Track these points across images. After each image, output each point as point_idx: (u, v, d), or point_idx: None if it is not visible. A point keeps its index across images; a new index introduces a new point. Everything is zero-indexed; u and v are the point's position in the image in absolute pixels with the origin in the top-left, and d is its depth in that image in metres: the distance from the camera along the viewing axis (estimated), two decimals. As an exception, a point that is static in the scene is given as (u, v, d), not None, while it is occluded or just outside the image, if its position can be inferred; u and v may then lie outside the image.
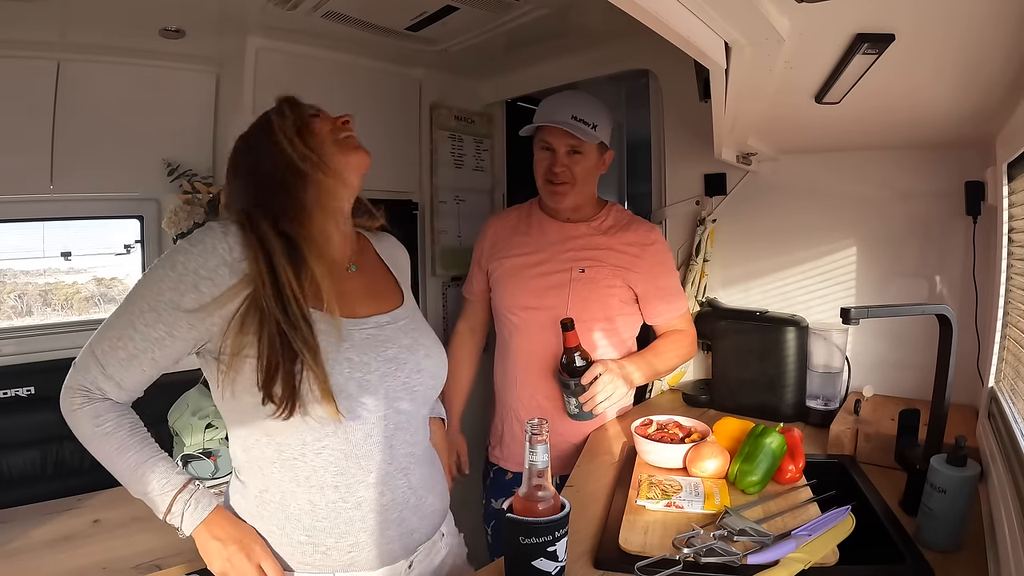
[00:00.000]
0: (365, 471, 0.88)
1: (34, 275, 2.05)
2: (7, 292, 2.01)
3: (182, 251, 0.83)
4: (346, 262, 1.00)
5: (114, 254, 2.16)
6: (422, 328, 1.03)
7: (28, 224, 1.96)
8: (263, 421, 0.83)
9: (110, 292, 2.20)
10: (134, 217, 2.11)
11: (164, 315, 0.81)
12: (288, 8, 1.58)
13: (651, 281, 1.51)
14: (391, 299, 1.03)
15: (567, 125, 1.41)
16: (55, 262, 2.07)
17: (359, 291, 0.97)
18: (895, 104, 1.15)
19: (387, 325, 0.95)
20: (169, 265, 0.82)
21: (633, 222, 1.56)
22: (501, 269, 1.58)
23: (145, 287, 0.83)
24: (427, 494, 0.96)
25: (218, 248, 0.82)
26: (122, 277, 2.21)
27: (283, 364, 0.79)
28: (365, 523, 0.87)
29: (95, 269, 2.16)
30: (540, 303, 1.50)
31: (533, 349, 1.50)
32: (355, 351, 0.88)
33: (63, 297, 2.12)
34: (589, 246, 1.51)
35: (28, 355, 1.90)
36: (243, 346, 0.81)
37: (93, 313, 2.16)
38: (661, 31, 0.70)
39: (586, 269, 1.49)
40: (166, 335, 0.82)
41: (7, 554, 1.15)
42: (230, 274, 0.82)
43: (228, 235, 0.84)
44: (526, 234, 1.58)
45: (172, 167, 2.02)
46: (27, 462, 1.75)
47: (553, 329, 1.43)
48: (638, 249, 1.50)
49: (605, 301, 1.49)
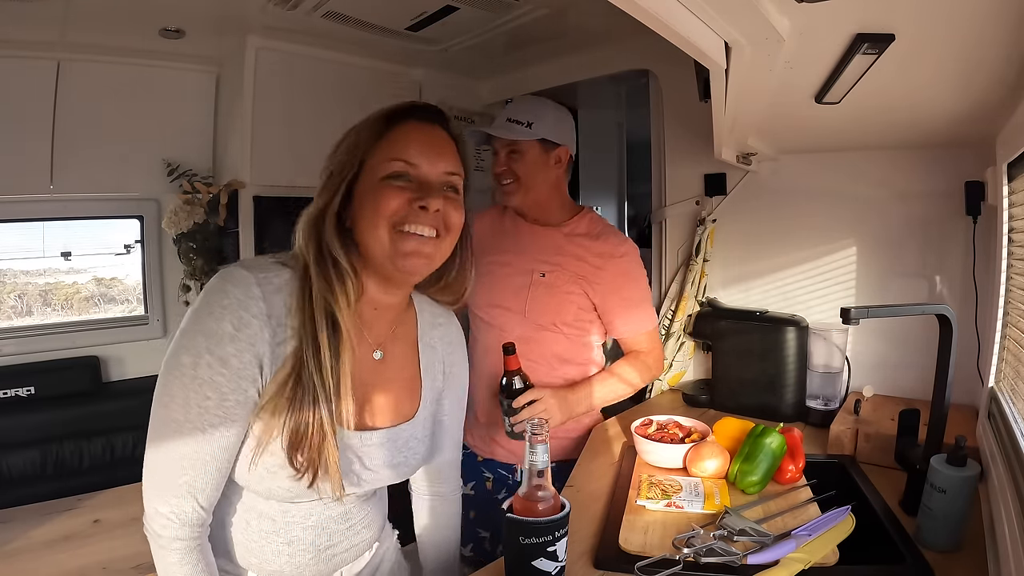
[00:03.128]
0: (305, 515, 0.86)
1: (34, 275, 2.06)
2: (7, 292, 2.01)
3: (228, 339, 0.73)
4: (376, 344, 0.88)
5: (114, 254, 2.16)
6: (417, 445, 0.92)
7: (28, 224, 1.96)
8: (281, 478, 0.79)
9: (110, 292, 2.20)
10: (134, 217, 2.11)
11: (236, 418, 0.75)
12: (288, 8, 1.58)
13: (612, 294, 1.49)
14: (405, 406, 0.92)
15: (499, 128, 1.45)
16: (55, 262, 2.07)
17: (376, 389, 0.87)
18: (895, 104, 1.15)
19: (385, 444, 0.87)
20: (219, 361, 0.73)
21: (605, 232, 1.53)
22: (476, 266, 1.59)
23: (203, 394, 0.73)
24: (365, 530, 0.94)
25: (264, 334, 0.75)
26: (122, 277, 2.21)
27: (308, 437, 0.76)
28: (293, 558, 0.86)
29: (95, 269, 2.16)
30: (503, 302, 1.52)
31: (496, 346, 1.49)
32: (341, 462, 0.81)
33: (63, 297, 2.12)
34: (553, 250, 1.51)
35: (28, 355, 1.90)
36: (278, 411, 0.76)
37: (93, 313, 2.16)
38: (661, 31, 0.70)
39: (547, 274, 1.49)
40: (239, 437, 0.77)
41: (7, 554, 1.15)
42: (274, 360, 0.76)
43: (271, 311, 0.76)
44: (500, 234, 1.60)
45: (172, 167, 2.02)
46: (27, 462, 1.76)
47: (512, 325, 1.48)
48: (602, 260, 1.48)
49: (563, 307, 1.49)
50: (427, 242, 0.82)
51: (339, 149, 0.83)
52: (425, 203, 0.80)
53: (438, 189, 0.82)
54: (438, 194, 0.81)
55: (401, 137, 0.82)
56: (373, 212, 0.80)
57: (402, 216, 0.80)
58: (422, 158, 0.82)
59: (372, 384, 0.87)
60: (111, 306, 2.20)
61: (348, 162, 0.81)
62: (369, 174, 0.81)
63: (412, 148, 0.81)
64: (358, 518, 0.93)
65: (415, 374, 0.94)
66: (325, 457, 0.77)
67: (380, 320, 0.89)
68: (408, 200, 0.80)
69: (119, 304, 2.21)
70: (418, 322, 0.97)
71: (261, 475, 0.78)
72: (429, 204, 0.80)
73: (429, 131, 0.84)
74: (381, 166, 0.81)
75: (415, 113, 0.85)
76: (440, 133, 0.86)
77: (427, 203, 0.80)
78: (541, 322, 1.47)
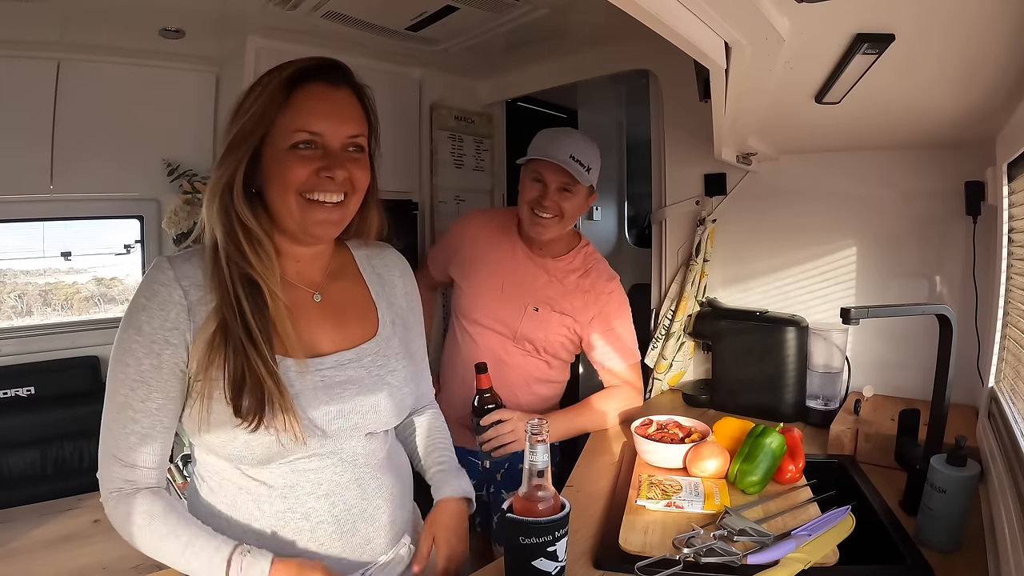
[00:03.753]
0: (315, 484, 0.85)
1: (34, 275, 2.05)
2: (7, 292, 2.01)
3: (140, 309, 0.78)
4: (312, 289, 0.91)
5: (114, 254, 2.16)
6: (392, 362, 0.94)
7: (28, 224, 1.96)
8: (231, 429, 0.80)
9: (110, 292, 2.20)
10: (134, 217, 2.11)
11: (153, 383, 0.78)
12: (288, 8, 1.58)
13: (597, 329, 1.54)
14: (362, 330, 0.94)
15: (565, 163, 1.42)
16: (55, 262, 2.07)
17: (324, 322, 0.90)
18: (895, 104, 1.15)
19: (349, 364, 0.89)
20: (135, 330, 0.78)
21: (594, 270, 1.57)
22: (469, 277, 1.62)
23: (123, 362, 0.78)
24: (383, 503, 0.91)
25: (173, 296, 0.79)
26: (122, 277, 2.21)
27: (249, 379, 0.77)
28: (314, 534, 0.84)
29: (95, 269, 2.16)
30: (493, 324, 1.57)
31: (478, 358, 1.54)
32: (304, 397, 0.83)
33: (63, 297, 2.12)
34: (547, 287, 1.55)
35: (28, 355, 1.90)
36: (212, 364, 0.78)
37: (93, 313, 2.16)
38: (661, 31, 0.70)
39: (539, 308, 1.54)
40: (164, 400, 0.80)
41: (7, 554, 1.15)
42: (192, 318, 0.79)
43: (181, 278, 0.80)
44: (498, 250, 1.61)
45: (172, 167, 2.02)
46: (27, 462, 1.75)
47: (498, 347, 1.55)
48: (591, 297, 1.54)
49: (550, 339, 1.55)
50: (335, 209, 0.85)
51: (239, 115, 0.82)
52: (331, 173, 0.82)
53: (343, 155, 0.84)
54: (343, 161, 0.83)
55: (304, 104, 0.81)
56: (280, 182, 0.82)
57: (310, 185, 0.82)
58: (326, 125, 0.82)
59: (320, 320, 0.89)
60: (111, 306, 2.20)
61: (252, 131, 0.81)
62: (273, 142, 0.82)
63: (316, 117, 0.81)
64: (372, 487, 0.90)
65: (367, 300, 0.97)
66: (270, 392, 0.78)
67: (308, 269, 0.92)
68: (315, 170, 0.82)
69: (119, 304, 2.21)
70: (355, 257, 1.00)
71: (220, 438, 0.80)
72: (335, 175, 0.82)
73: (332, 94, 0.84)
74: (285, 136, 0.81)
75: (317, 75, 0.83)
76: (344, 94, 0.85)
77: (333, 173, 0.82)
78: (527, 349, 1.56)
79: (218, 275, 0.80)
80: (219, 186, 0.82)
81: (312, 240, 0.88)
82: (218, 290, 0.80)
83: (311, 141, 0.82)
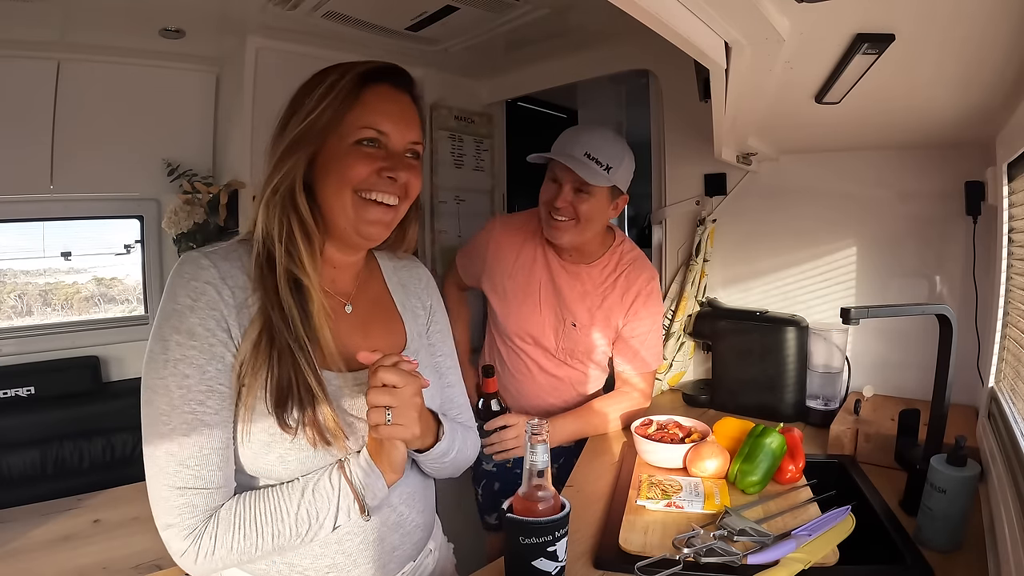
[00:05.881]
0: None
1: (34, 275, 2.05)
2: (7, 292, 2.01)
3: (188, 311, 0.73)
4: (344, 298, 0.89)
5: (114, 254, 2.16)
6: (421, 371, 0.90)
7: (28, 224, 1.96)
8: (269, 440, 0.76)
9: (110, 292, 2.20)
10: (134, 217, 2.11)
11: (224, 390, 0.73)
12: (288, 8, 1.58)
13: (624, 333, 1.53)
14: (388, 342, 0.92)
15: (576, 162, 1.35)
16: (55, 262, 2.07)
17: (353, 334, 0.87)
18: (895, 104, 1.15)
19: None
20: (186, 334, 0.72)
21: (627, 273, 1.51)
22: (502, 297, 1.58)
23: (181, 373, 0.71)
24: (408, 510, 0.90)
25: (223, 295, 0.75)
26: (122, 277, 2.21)
27: (297, 388, 0.75)
28: (342, 544, 0.81)
29: (95, 269, 2.16)
30: (533, 339, 1.57)
31: (521, 371, 1.58)
32: (346, 411, 0.81)
33: (63, 297, 2.12)
34: (583, 299, 1.52)
35: (28, 355, 1.90)
36: (257, 371, 0.75)
37: (93, 313, 2.16)
38: (661, 31, 0.70)
39: (577, 324, 1.52)
40: (232, 407, 0.75)
41: (7, 554, 1.15)
42: (240, 320, 0.76)
43: (226, 277, 0.76)
44: (530, 260, 1.56)
45: (172, 167, 2.02)
46: (27, 462, 1.76)
47: (543, 360, 1.56)
48: (631, 297, 1.50)
49: (589, 352, 1.55)
50: (389, 211, 0.84)
51: (301, 113, 0.79)
52: (394, 174, 0.81)
53: (404, 159, 0.83)
54: (405, 164, 0.83)
55: (373, 102, 0.81)
56: (339, 178, 0.80)
57: (369, 183, 0.81)
58: (393, 127, 0.82)
59: (349, 331, 0.87)
60: (111, 306, 2.20)
61: (321, 127, 0.79)
62: (336, 138, 0.80)
63: (385, 117, 0.81)
64: (396, 492, 0.87)
65: (394, 314, 0.96)
66: (319, 403, 0.75)
67: (342, 277, 0.90)
68: (377, 169, 0.81)
69: (119, 304, 2.21)
70: (382, 269, 0.98)
71: (253, 449, 0.75)
72: (398, 176, 0.82)
73: (400, 99, 0.84)
74: (351, 132, 0.80)
75: (385, 76, 0.83)
76: (408, 101, 0.86)
77: (396, 175, 0.81)
78: (570, 362, 1.56)
79: (269, 277, 0.78)
80: (282, 184, 0.79)
81: (361, 241, 0.85)
82: (266, 292, 0.77)
83: (376, 140, 0.81)
